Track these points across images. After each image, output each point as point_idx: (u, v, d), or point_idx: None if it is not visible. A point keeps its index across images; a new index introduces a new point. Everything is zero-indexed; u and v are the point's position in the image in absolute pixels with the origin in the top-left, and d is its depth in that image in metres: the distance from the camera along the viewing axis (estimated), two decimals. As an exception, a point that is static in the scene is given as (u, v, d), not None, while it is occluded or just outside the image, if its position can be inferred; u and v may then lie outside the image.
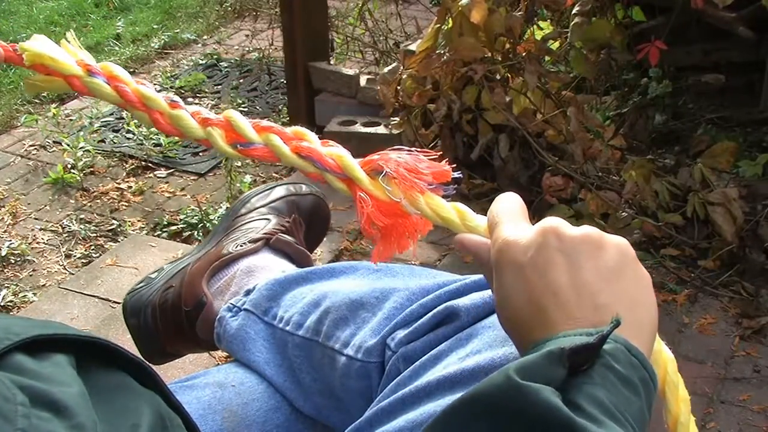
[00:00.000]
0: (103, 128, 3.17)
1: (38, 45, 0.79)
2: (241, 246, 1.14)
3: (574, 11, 2.46)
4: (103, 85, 0.78)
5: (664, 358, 0.67)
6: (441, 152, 0.74)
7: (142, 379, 0.64)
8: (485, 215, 0.72)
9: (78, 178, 2.82)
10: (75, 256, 2.46)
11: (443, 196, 0.72)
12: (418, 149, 0.73)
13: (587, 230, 0.64)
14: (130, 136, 3.09)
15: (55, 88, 0.80)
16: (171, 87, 3.45)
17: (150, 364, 0.66)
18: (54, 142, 3.08)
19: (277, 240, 1.15)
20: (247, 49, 3.84)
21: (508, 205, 0.69)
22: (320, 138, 0.79)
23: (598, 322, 0.59)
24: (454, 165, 0.74)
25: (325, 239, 2.42)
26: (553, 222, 0.64)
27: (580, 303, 0.60)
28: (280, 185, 1.27)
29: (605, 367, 0.56)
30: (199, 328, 1.10)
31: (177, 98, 0.79)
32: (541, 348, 0.57)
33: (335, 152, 0.75)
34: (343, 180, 0.75)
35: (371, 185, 0.73)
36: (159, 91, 0.80)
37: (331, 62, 3.05)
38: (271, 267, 1.11)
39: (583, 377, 0.55)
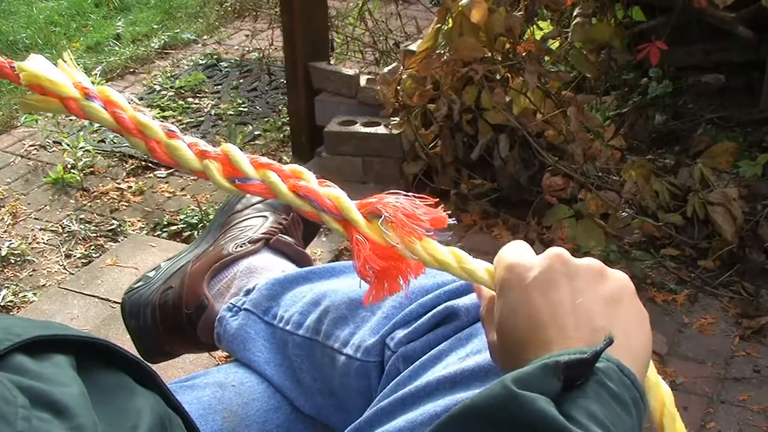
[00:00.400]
0: (103, 128, 3.17)
1: (36, 66, 0.78)
2: (241, 247, 1.14)
3: (574, 12, 2.46)
4: (100, 110, 0.77)
5: (662, 391, 0.69)
6: (438, 202, 0.75)
7: (142, 379, 0.64)
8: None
9: (78, 178, 2.82)
10: (75, 256, 2.46)
11: (439, 242, 0.73)
12: (415, 194, 0.74)
13: (591, 261, 0.67)
14: (130, 136, 3.09)
15: (50, 109, 0.79)
16: (171, 87, 3.45)
17: (150, 365, 0.66)
18: (54, 142, 3.08)
19: (276, 240, 1.15)
20: (247, 49, 3.84)
21: (516, 247, 0.71)
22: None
23: (593, 343, 0.60)
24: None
25: (324, 239, 2.42)
26: (558, 250, 0.67)
27: (578, 324, 0.63)
28: None
29: (598, 383, 0.57)
30: (200, 331, 1.09)
31: (174, 128, 0.78)
32: (538, 360, 0.58)
33: (332, 193, 0.75)
34: (339, 221, 0.75)
35: (368, 228, 0.74)
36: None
37: (331, 62, 3.05)
38: (271, 267, 1.11)
39: (578, 392, 0.57)
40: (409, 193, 0.74)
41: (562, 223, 2.26)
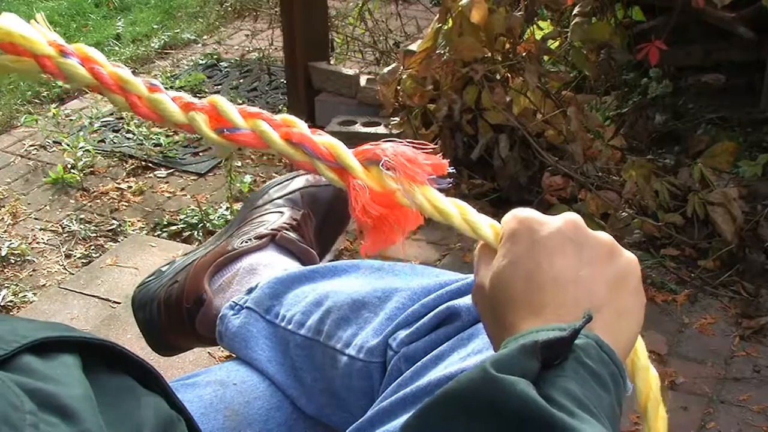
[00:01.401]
0: (103, 128, 3.17)
1: (8, 22, 0.74)
2: (247, 242, 1.14)
3: (574, 11, 2.46)
4: (77, 66, 0.73)
5: (651, 376, 0.68)
6: (438, 148, 0.73)
7: (147, 381, 0.64)
8: (485, 215, 0.73)
9: (78, 178, 2.82)
10: (75, 256, 2.46)
11: (438, 189, 0.71)
12: (414, 141, 0.71)
13: (604, 235, 0.65)
14: (130, 136, 3.09)
15: (25, 69, 0.74)
16: (171, 87, 3.46)
17: (154, 367, 0.66)
18: (54, 142, 3.08)
19: (281, 237, 1.15)
20: (247, 49, 3.84)
21: (528, 209, 0.70)
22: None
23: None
24: (453, 166, 0.73)
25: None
26: (575, 217, 0.66)
27: (576, 296, 0.62)
28: (300, 176, 1.26)
29: (577, 361, 0.57)
30: (199, 325, 1.10)
31: (156, 82, 0.74)
32: (517, 340, 0.58)
33: (327, 140, 0.72)
34: (334, 169, 0.72)
35: (365, 174, 0.71)
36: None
37: (331, 62, 3.05)
38: (274, 265, 1.11)
39: (556, 371, 0.57)
40: (407, 140, 0.71)
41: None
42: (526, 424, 0.53)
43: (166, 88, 0.76)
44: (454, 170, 0.72)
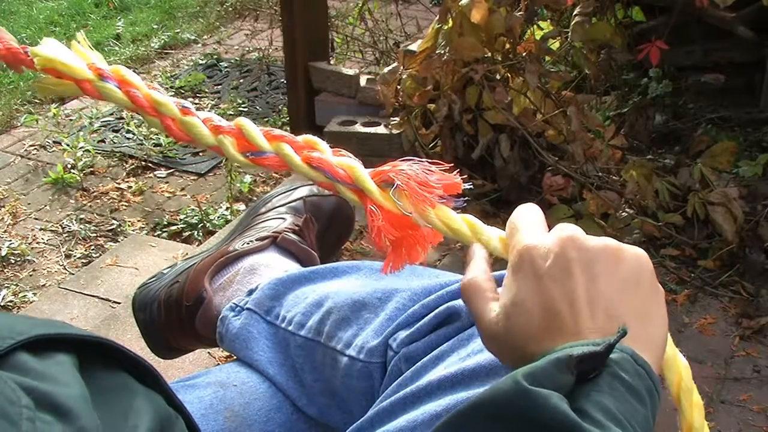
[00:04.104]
0: (103, 128, 3.17)
1: (49, 50, 0.78)
2: (248, 244, 1.15)
3: (574, 11, 2.45)
4: (114, 90, 0.78)
5: (679, 364, 0.68)
6: (451, 164, 0.74)
7: (145, 379, 0.64)
8: (485, 218, 0.73)
9: (78, 178, 2.82)
10: (75, 256, 2.46)
11: (454, 208, 0.72)
12: (430, 160, 0.73)
13: (606, 242, 0.64)
14: (130, 136, 3.09)
15: (66, 92, 0.79)
16: (171, 87, 3.45)
17: (152, 365, 0.66)
18: (54, 142, 3.08)
19: (283, 239, 1.15)
20: (247, 49, 3.84)
21: (528, 215, 0.69)
22: (322, 139, 0.79)
23: (609, 331, 0.59)
24: (453, 166, 0.74)
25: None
26: (571, 231, 0.64)
27: (594, 313, 0.61)
28: (304, 185, 1.27)
29: (612, 375, 0.56)
30: (199, 323, 1.10)
31: (188, 104, 0.78)
32: (550, 354, 0.57)
33: (346, 163, 0.75)
34: (354, 191, 0.74)
35: (382, 197, 0.73)
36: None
37: (331, 62, 3.04)
38: (275, 266, 1.11)
39: (591, 385, 0.56)
40: (424, 159, 0.73)
41: (562, 222, 2.25)
42: None
43: (167, 88, 0.78)
44: (471, 186, 0.73)
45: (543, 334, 0.61)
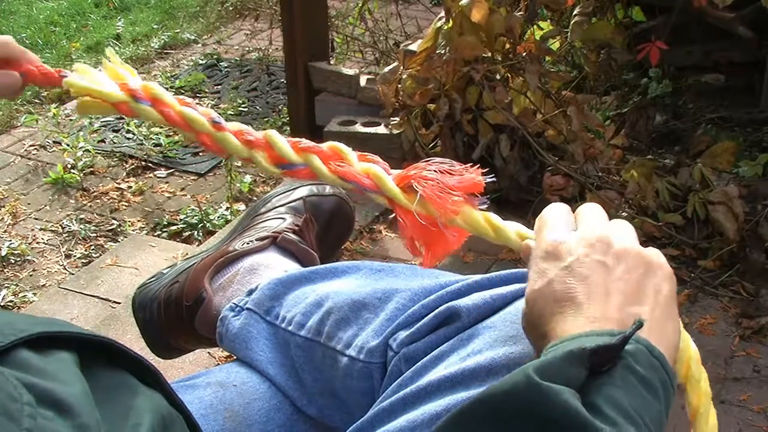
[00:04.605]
0: (103, 128, 3.17)
1: (82, 80, 0.82)
2: (248, 244, 1.15)
3: (574, 11, 2.46)
4: (149, 110, 0.82)
5: (689, 352, 0.70)
6: (474, 165, 0.78)
7: (146, 378, 0.64)
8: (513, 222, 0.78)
9: (78, 178, 2.82)
10: (75, 256, 2.46)
11: (478, 206, 0.77)
12: (453, 160, 0.78)
13: (633, 245, 0.67)
14: (130, 136, 3.09)
15: (106, 112, 0.83)
16: (171, 87, 3.46)
17: (153, 364, 0.66)
18: (54, 142, 3.08)
19: (282, 239, 1.15)
20: (247, 49, 3.84)
21: (557, 213, 0.71)
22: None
23: (625, 325, 0.60)
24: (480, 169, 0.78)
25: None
26: (601, 233, 0.67)
27: (611, 304, 0.62)
28: (304, 186, 1.27)
29: (626, 368, 0.56)
30: (198, 323, 1.10)
31: (217, 117, 0.82)
32: (563, 345, 0.57)
33: (372, 170, 0.79)
34: (384, 197, 0.79)
35: (408, 201, 0.77)
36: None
37: (331, 62, 3.05)
38: (275, 266, 1.12)
39: (604, 378, 0.56)
40: (446, 160, 0.77)
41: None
42: None
43: (167, 88, 0.81)
44: (493, 178, 0.80)
45: (563, 319, 0.62)
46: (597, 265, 0.64)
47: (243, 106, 3.36)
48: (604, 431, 0.51)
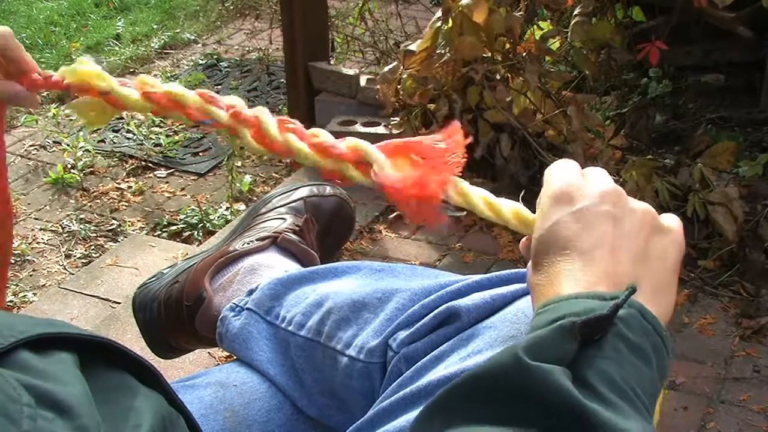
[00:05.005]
0: (102, 128, 3.17)
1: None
2: (248, 244, 1.15)
3: (574, 11, 2.46)
4: (135, 95, 0.88)
5: None
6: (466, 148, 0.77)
7: (146, 379, 0.64)
8: (485, 218, 0.75)
9: (78, 178, 2.82)
10: (75, 256, 2.46)
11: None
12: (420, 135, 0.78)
13: (646, 207, 0.65)
14: (130, 136, 3.10)
15: (97, 110, 0.87)
16: (171, 87, 3.45)
17: (153, 365, 0.66)
18: (54, 142, 3.08)
19: (283, 239, 1.15)
20: (247, 48, 3.84)
21: (568, 164, 0.69)
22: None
23: (620, 286, 0.59)
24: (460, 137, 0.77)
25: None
26: (615, 188, 0.65)
27: (609, 266, 0.61)
28: (304, 186, 1.27)
29: (617, 336, 0.55)
30: (198, 323, 1.10)
31: (211, 93, 0.87)
32: (554, 308, 0.57)
33: (351, 141, 0.81)
34: (358, 166, 0.79)
35: (390, 165, 0.77)
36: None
37: (331, 62, 3.05)
38: (275, 266, 1.12)
39: (594, 349, 0.55)
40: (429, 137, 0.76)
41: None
42: (557, 414, 0.51)
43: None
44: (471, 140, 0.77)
45: (560, 258, 0.62)
46: (606, 217, 0.62)
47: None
48: (596, 411, 0.51)
